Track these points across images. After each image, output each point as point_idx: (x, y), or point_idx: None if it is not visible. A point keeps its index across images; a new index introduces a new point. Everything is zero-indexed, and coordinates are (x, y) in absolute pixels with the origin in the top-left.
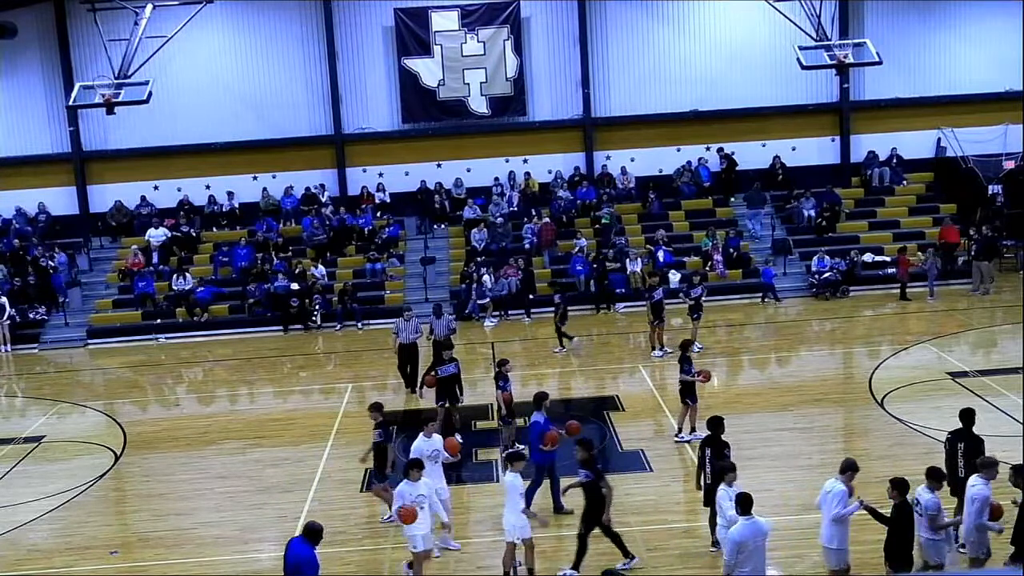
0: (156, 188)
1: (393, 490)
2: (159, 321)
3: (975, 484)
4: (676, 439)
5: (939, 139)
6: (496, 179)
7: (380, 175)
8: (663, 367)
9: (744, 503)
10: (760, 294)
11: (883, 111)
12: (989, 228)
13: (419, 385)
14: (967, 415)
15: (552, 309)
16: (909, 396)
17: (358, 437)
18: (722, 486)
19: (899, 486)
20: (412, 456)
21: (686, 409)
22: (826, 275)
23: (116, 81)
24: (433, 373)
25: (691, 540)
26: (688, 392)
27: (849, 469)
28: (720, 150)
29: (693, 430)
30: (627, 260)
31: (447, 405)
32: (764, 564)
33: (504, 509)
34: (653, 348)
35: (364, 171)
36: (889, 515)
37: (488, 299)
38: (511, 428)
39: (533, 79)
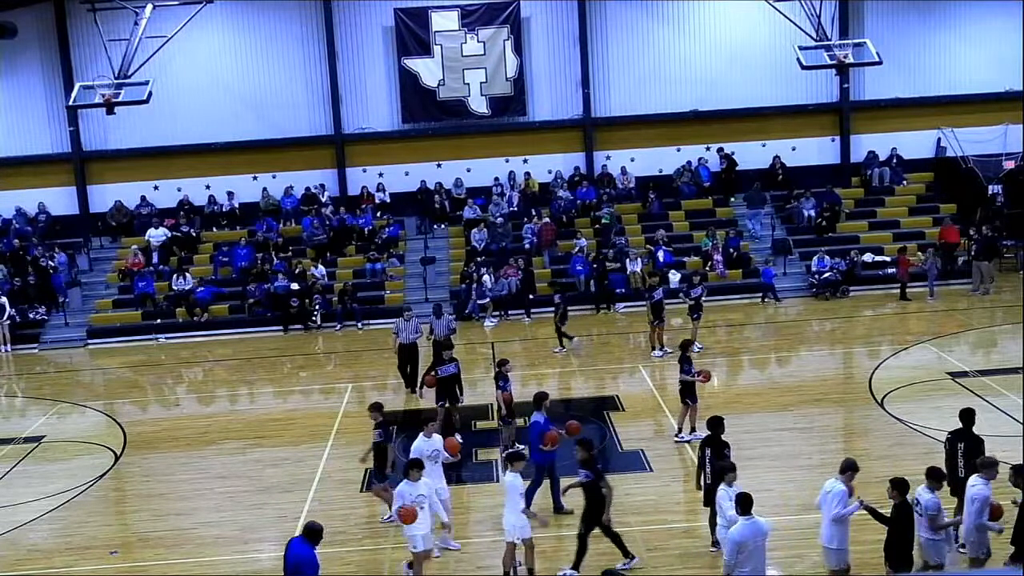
0: (156, 188)
1: (393, 490)
2: (159, 321)
3: (975, 484)
4: (676, 439)
5: (939, 139)
6: (496, 179)
7: (380, 175)
8: (663, 367)
9: (744, 503)
10: (760, 294)
11: (883, 111)
12: (989, 228)
13: (419, 385)
14: (967, 415)
15: (552, 309)
16: (909, 396)
17: (358, 437)
18: (722, 486)
19: (899, 486)
20: (412, 456)
21: (686, 409)
22: (826, 275)
23: (116, 81)
24: (433, 373)
25: (691, 540)
26: (688, 392)
27: (849, 469)
28: (720, 150)
29: (693, 430)
30: (627, 260)
31: (447, 405)
32: (764, 564)
33: (504, 509)
34: (653, 348)
35: (364, 171)
36: (889, 515)
37: (488, 299)
38: (511, 428)
39: (533, 79)
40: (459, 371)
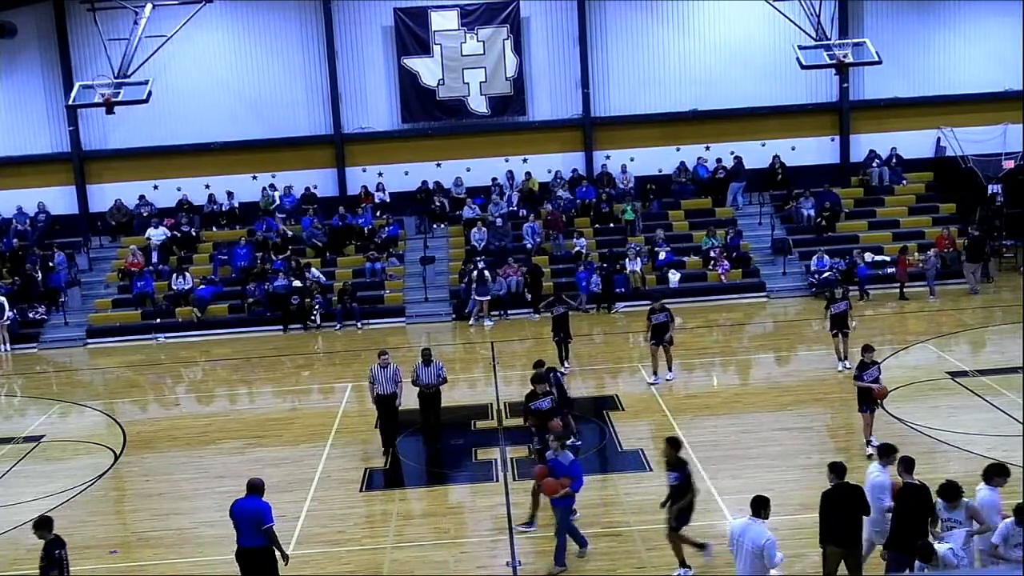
0: (156, 188)
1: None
2: (158, 321)
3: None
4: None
5: (939, 139)
6: (494, 179)
7: (380, 175)
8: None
9: (752, 504)
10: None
11: (883, 111)
12: (975, 229)
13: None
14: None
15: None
16: (909, 396)
17: (357, 437)
18: (984, 485)
19: (836, 469)
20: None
21: (869, 418)
22: (825, 275)
23: (116, 80)
24: (533, 414)
25: None
26: (863, 399)
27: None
28: (734, 158)
29: (868, 443)
30: (627, 260)
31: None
32: (754, 568)
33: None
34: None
35: (364, 171)
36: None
37: (489, 297)
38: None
39: (533, 79)
40: (554, 405)
